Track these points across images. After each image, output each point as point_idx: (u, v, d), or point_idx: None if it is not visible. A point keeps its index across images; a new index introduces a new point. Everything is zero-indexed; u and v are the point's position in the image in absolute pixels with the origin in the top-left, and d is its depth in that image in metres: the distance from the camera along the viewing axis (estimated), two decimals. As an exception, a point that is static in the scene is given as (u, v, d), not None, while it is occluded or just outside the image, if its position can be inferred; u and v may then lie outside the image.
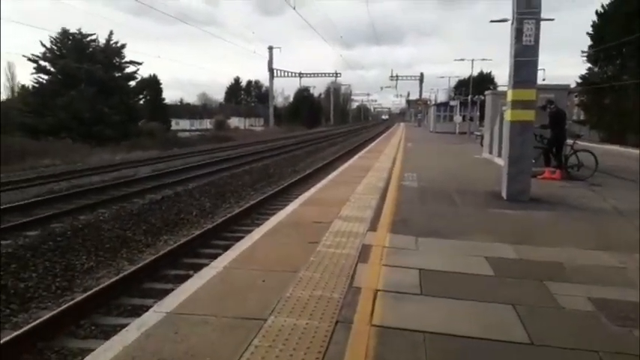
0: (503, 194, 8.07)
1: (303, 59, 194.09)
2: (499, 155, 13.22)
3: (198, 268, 6.27)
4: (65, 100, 32.79)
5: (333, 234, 5.40)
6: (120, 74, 39.30)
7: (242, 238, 6.70)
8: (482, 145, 18.70)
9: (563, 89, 12.85)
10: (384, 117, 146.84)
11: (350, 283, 3.82)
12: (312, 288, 3.69)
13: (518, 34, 7.54)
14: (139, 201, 11.30)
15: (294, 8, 21.99)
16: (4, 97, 47.99)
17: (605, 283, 4.00)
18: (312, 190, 9.09)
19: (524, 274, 4.21)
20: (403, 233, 5.50)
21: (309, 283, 3.81)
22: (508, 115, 8.09)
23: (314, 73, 71.23)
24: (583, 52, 39.24)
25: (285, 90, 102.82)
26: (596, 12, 37.64)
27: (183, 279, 5.98)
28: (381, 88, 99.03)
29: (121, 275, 6.25)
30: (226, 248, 6.97)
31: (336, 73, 73.53)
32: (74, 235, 8.25)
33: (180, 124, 68.81)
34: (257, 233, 5.54)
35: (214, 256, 6.67)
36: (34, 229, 8.63)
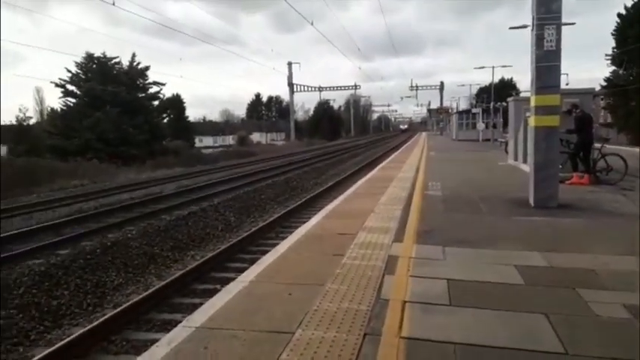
0: (531, 201, 7.93)
1: (322, 73, 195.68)
2: (524, 161, 13.00)
3: (225, 282, 6.34)
4: (91, 121, 33.73)
5: (358, 246, 5.38)
6: (143, 95, 40.31)
7: (267, 251, 6.76)
8: (506, 151, 18.44)
9: (588, 93, 12.62)
10: (402, 127, 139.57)
11: (377, 295, 3.79)
12: (339, 300, 3.68)
13: (539, 39, 7.45)
14: (166, 217, 11.46)
15: (312, 24, 22.24)
16: (34, 120, 49.51)
17: (638, 289, 3.87)
18: (336, 202, 9.09)
19: (555, 282, 4.11)
20: (429, 243, 5.45)
21: (336, 295, 3.79)
22: (532, 121, 7.97)
23: (333, 87, 71.68)
24: (607, 55, 38.57)
25: (305, 104, 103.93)
26: (618, 14, 37.01)
27: (211, 293, 6.04)
28: (401, 98, 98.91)
29: (150, 291, 6.34)
30: (252, 262, 7.03)
31: (356, 86, 73.96)
32: (103, 252, 8.42)
33: (203, 141, 69.94)
34: (282, 247, 5.56)
35: (241, 270, 6.74)
36: (65, 247, 8.83)
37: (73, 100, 36.80)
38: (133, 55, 40.00)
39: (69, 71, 36.69)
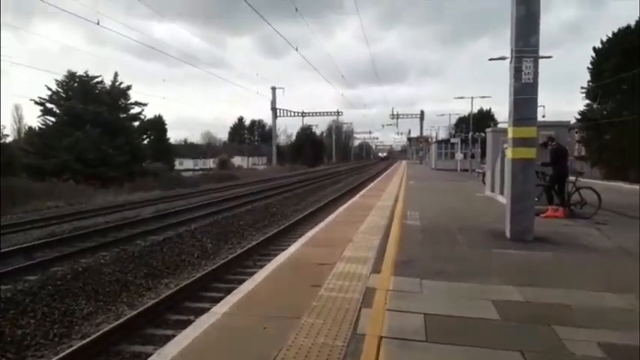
0: (507, 233, 8.00)
1: (306, 98, 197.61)
2: (501, 193, 13.18)
3: (199, 312, 6.19)
4: (70, 141, 33.18)
5: (336, 276, 5.33)
6: (125, 115, 39.95)
7: (244, 280, 6.65)
8: (484, 182, 18.69)
9: (564, 126, 12.94)
10: (381, 155, 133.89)
11: (354, 330, 3.73)
12: (315, 335, 3.60)
13: (517, 72, 7.65)
14: (141, 242, 11.24)
15: (297, 49, 22.53)
16: (10, 138, 48.56)
17: (614, 327, 3.89)
18: (315, 229, 9.05)
19: (531, 318, 4.11)
20: (407, 275, 5.42)
21: (312, 330, 3.72)
22: (509, 152, 8.11)
23: (316, 112, 72.28)
24: (582, 88, 39.85)
25: (288, 128, 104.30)
26: (594, 48, 38.41)
27: (185, 324, 5.89)
28: (383, 125, 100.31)
29: (120, 320, 6.14)
30: (228, 291, 6.90)
31: (338, 112, 74.77)
32: (74, 279, 8.17)
33: (184, 164, 69.40)
34: (259, 276, 5.47)
35: (216, 300, 6.59)
36: (35, 273, 8.56)
37: (53, 119, 36.25)
38: (116, 75, 39.77)
39: (49, 89, 36.25)
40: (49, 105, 36.23)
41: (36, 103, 35.78)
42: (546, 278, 5.50)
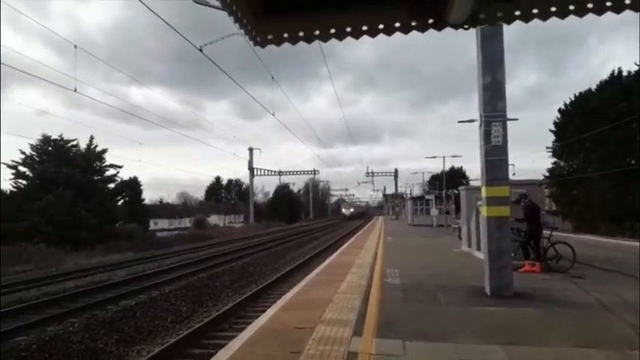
0: (487, 290, 7.98)
1: (282, 158, 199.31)
2: (478, 248, 13.27)
3: (172, 382, 5.90)
4: (41, 204, 32.45)
5: (317, 341, 5.17)
6: (99, 177, 39.59)
7: (219, 345, 6.41)
8: (460, 237, 18.84)
9: (535, 184, 13.32)
10: (344, 211, 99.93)
11: (336, 399, 3.59)
12: (296, 406, 3.45)
13: (487, 135, 7.94)
14: (112, 308, 10.78)
15: (273, 114, 23.05)
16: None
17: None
18: (294, 289, 8.87)
19: (516, 379, 4.04)
20: (390, 337, 5.31)
21: (293, 400, 3.56)
22: (484, 211, 8.25)
23: (293, 171, 72.98)
24: (547, 147, 41.48)
25: (265, 187, 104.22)
26: (559, 110, 40.38)
27: (157, 396, 5.59)
28: (358, 183, 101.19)
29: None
30: (202, 357, 6.63)
31: (314, 171, 75.66)
32: (39, 349, 7.72)
33: (159, 224, 68.19)
34: (234, 344, 5.27)
35: (190, 368, 6.31)
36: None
37: (24, 182, 35.60)
38: (91, 138, 39.81)
39: (23, 153, 35.91)
40: (22, 168, 35.74)
41: (8, 166, 35.28)
42: (529, 336, 5.46)
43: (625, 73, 35.66)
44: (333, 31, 2.41)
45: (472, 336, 5.36)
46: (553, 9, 2.17)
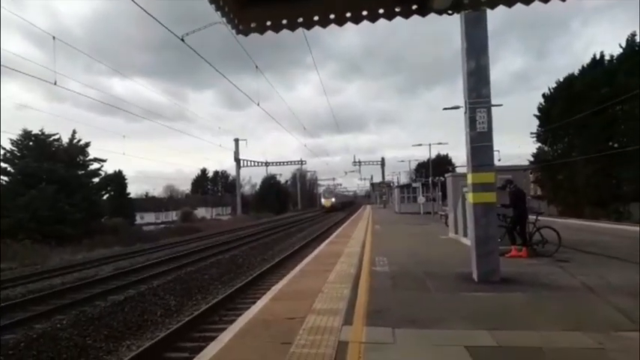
0: (474, 276, 8.06)
1: (270, 148, 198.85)
2: (465, 235, 13.40)
3: (163, 376, 5.88)
4: (24, 199, 31.96)
5: (307, 331, 5.18)
6: (83, 172, 39.08)
7: (210, 337, 6.40)
8: (447, 224, 19.00)
9: (520, 169, 13.44)
10: (324, 200, 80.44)
11: (327, 388, 3.60)
12: (288, 396, 3.45)
13: (472, 122, 7.97)
14: (100, 303, 10.69)
15: (258, 104, 22.82)
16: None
17: (587, 368, 3.92)
18: (283, 281, 8.88)
19: (505, 363, 4.09)
20: (379, 325, 5.33)
21: (284, 390, 3.56)
22: (470, 197, 8.30)
23: (280, 162, 72.77)
24: (532, 133, 41.86)
25: (252, 178, 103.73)
26: (543, 95, 40.68)
27: (147, 391, 5.56)
28: (345, 172, 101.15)
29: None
30: (193, 350, 6.61)
31: (301, 161, 75.48)
32: (27, 347, 7.63)
33: (145, 218, 67.66)
34: (226, 335, 5.25)
35: (181, 361, 6.30)
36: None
37: (6, 179, 35.03)
38: (74, 132, 39.23)
39: (3, 148, 35.29)
40: (2, 164, 35.13)
41: (-13, 163, 34.64)
42: (516, 320, 5.53)
43: (607, 57, 36.02)
44: (316, 18, 2.38)
45: (460, 322, 5.42)
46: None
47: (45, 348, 7.66)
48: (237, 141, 65.87)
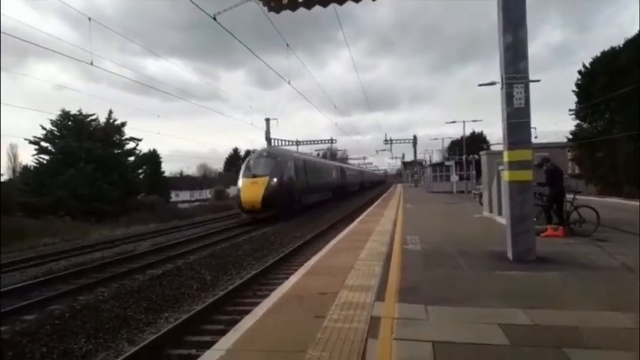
0: (509, 255, 7.96)
1: (299, 127, 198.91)
2: (499, 214, 13.18)
3: (200, 346, 6.10)
4: (64, 178, 33.15)
5: (340, 306, 5.25)
6: (119, 151, 40.16)
7: (244, 311, 6.57)
8: (481, 203, 18.73)
9: (558, 147, 13.06)
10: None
11: (361, 362, 3.65)
12: (322, 368, 3.53)
13: (509, 97, 7.75)
14: (139, 277, 11.08)
15: (289, 82, 22.59)
16: (5, 177, 48.48)
17: (625, 347, 3.85)
18: (315, 257, 8.97)
19: (540, 341, 4.06)
20: (412, 302, 5.35)
21: (318, 363, 3.64)
22: (506, 175, 8.14)
23: (310, 141, 72.63)
24: (570, 110, 40.45)
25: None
26: (579, 71, 39.12)
27: (186, 359, 5.78)
28: (377, 151, 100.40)
29: (120, 358, 6.01)
30: (228, 323, 6.81)
31: (332, 140, 75.01)
32: (72, 317, 8.01)
33: (180, 196, 69.19)
34: (260, 309, 5.38)
35: (216, 333, 6.51)
36: (32, 312, 8.40)
37: (47, 157, 36.35)
38: (110, 112, 40.29)
39: (44, 128, 36.52)
40: (43, 144, 36.41)
41: (30, 142, 36.00)
42: (552, 299, 5.44)
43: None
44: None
45: (494, 300, 5.38)
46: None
47: (88, 319, 8.01)
48: (268, 120, 65.88)
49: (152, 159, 54.05)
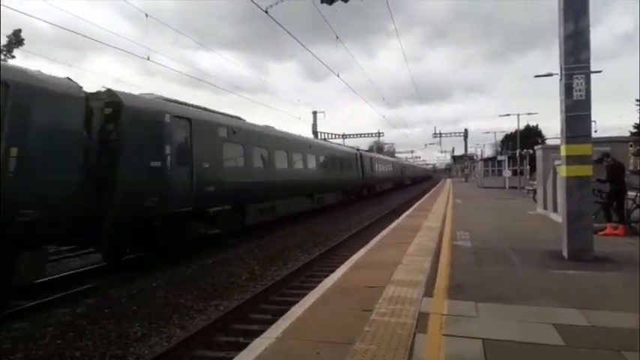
0: (564, 253, 7.65)
1: (347, 120, 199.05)
2: (554, 211, 12.69)
3: (249, 334, 6.24)
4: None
5: (387, 300, 5.23)
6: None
7: (291, 302, 6.65)
8: (535, 199, 18.10)
9: (620, 141, 12.40)
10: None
11: (409, 356, 3.63)
12: (370, 361, 3.53)
13: (568, 89, 7.41)
14: (191, 266, 11.44)
15: (338, 75, 22.50)
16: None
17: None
18: (362, 251, 8.96)
19: (598, 343, 3.89)
20: (461, 299, 5.26)
21: (366, 356, 3.64)
22: (563, 170, 7.81)
23: (357, 134, 72.45)
24: (637, 100, 38.25)
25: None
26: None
27: (234, 346, 5.93)
28: (425, 145, 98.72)
29: (172, 343, 6.24)
30: (276, 313, 6.92)
31: (379, 133, 74.51)
32: (129, 301, 8.39)
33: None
34: (308, 300, 5.44)
35: (264, 322, 6.63)
36: (90, 297, 8.85)
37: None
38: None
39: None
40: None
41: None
42: (610, 301, 5.20)
43: None
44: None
45: (548, 299, 5.19)
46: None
47: (143, 304, 8.37)
48: (315, 113, 66.34)
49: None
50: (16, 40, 26.91)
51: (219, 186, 12.95)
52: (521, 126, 54.56)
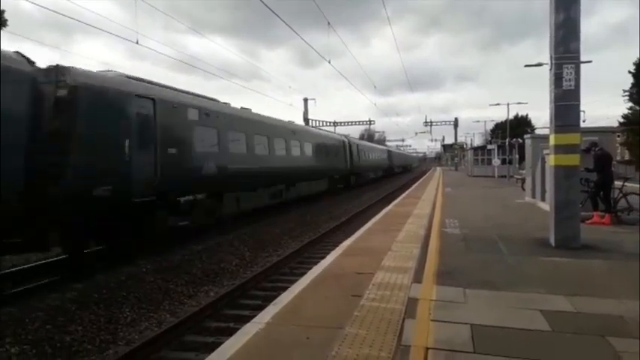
0: (552, 241, 7.75)
1: (339, 107, 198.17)
2: (542, 199, 12.82)
3: (239, 319, 6.27)
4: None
5: (377, 286, 5.27)
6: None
7: (281, 288, 6.69)
8: (523, 188, 18.26)
9: (608, 131, 12.51)
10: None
11: (398, 341, 3.67)
12: (359, 346, 3.56)
13: (558, 79, 7.45)
14: (180, 252, 11.43)
15: (330, 62, 22.37)
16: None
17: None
18: (352, 238, 9.00)
19: (583, 329, 3.96)
20: (450, 285, 5.32)
21: (355, 340, 3.68)
22: (551, 159, 7.88)
23: (348, 122, 72.27)
24: (624, 91, 38.57)
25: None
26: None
27: (224, 331, 5.96)
28: (416, 133, 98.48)
29: (163, 328, 6.26)
30: (266, 299, 6.96)
31: (370, 121, 74.40)
32: (118, 287, 8.38)
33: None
34: (299, 285, 5.47)
35: (255, 307, 6.68)
36: (80, 282, 8.81)
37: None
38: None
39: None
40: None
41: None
42: (595, 287, 5.29)
43: None
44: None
45: (535, 286, 5.26)
46: None
47: (133, 289, 8.36)
48: (306, 100, 66.01)
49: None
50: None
51: (189, 173, 12.07)
52: (511, 115, 54.88)
